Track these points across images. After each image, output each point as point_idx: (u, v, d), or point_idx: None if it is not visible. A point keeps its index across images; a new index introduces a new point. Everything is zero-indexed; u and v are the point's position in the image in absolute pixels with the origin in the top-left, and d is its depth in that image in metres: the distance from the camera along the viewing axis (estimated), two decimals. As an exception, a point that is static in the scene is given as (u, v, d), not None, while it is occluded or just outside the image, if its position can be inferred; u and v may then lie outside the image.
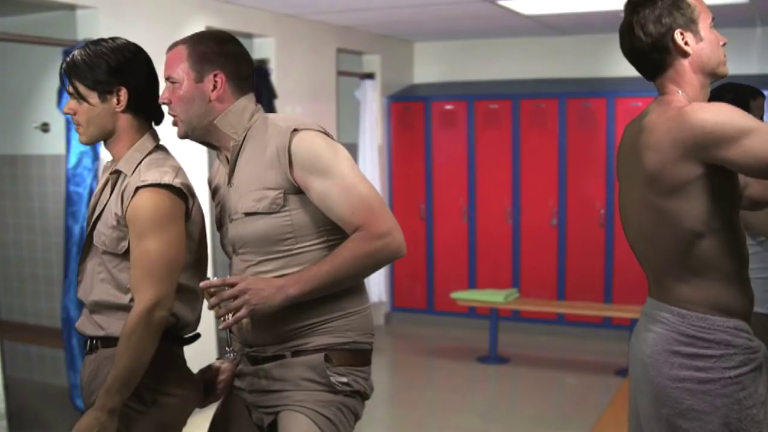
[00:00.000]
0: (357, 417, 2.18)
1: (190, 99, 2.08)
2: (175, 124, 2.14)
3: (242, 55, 2.14)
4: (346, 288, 2.10)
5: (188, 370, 2.25)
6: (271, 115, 2.16)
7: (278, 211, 2.05)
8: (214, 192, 2.26)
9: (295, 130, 2.04)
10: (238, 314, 1.98)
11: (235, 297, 1.99)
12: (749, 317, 2.02)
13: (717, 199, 1.92)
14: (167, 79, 2.11)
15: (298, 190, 2.04)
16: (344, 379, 2.10)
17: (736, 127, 1.83)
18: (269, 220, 2.05)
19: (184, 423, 2.21)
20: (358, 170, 2.07)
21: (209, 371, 2.27)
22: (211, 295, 2.03)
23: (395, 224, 2.03)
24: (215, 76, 2.07)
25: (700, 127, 1.85)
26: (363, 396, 2.18)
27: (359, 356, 2.15)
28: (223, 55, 2.09)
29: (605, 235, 6.59)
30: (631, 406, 2.17)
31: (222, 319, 2.04)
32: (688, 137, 1.87)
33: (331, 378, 2.08)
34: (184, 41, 2.12)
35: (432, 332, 7.01)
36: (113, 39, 2.15)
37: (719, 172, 1.91)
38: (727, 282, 1.98)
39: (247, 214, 2.07)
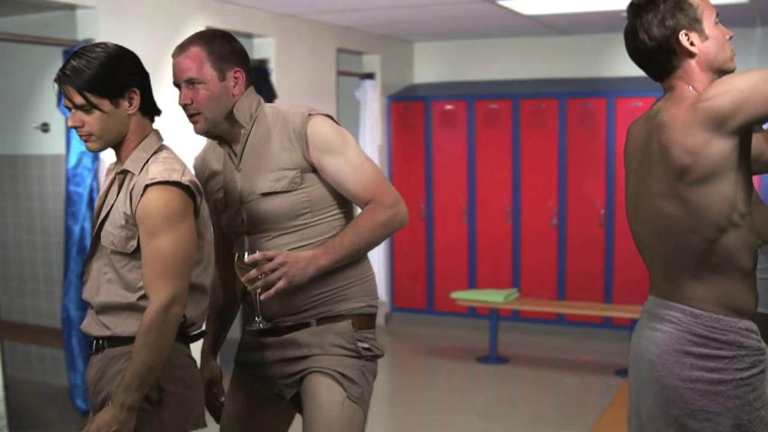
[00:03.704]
0: (375, 376, 2.35)
1: (217, 97, 2.20)
2: (195, 121, 2.23)
3: (245, 51, 2.29)
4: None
5: (196, 369, 2.25)
6: (271, 104, 2.34)
7: (296, 189, 2.22)
8: (209, 179, 2.37)
9: (310, 114, 2.23)
10: (279, 285, 2.11)
11: (272, 270, 2.11)
12: (755, 318, 2.02)
13: (739, 188, 1.93)
14: (189, 81, 2.18)
15: (312, 169, 2.23)
16: (367, 345, 2.28)
17: (748, 84, 1.86)
18: (288, 198, 2.22)
19: (190, 423, 2.21)
20: (362, 151, 2.30)
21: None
22: (244, 271, 2.12)
23: (399, 196, 2.26)
24: (235, 73, 2.22)
25: (722, 100, 1.86)
26: (378, 357, 2.35)
27: (371, 320, 2.34)
28: (235, 52, 2.24)
29: (605, 235, 6.59)
30: (631, 406, 2.16)
31: (256, 292, 2.16)
32: (714, 114, 1.87)
33: (358, 344, 2.26)
34: (195, 43, 2.21)
35: (432, 332, 7.01)
36: (104, 44, 2.13)
37: (741, 157, 1.92)
38: (742, 279, 1.97)
39: (265, 194, 2.22)
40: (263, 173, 2.23)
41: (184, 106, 2.22)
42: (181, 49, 2.21)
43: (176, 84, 2.23)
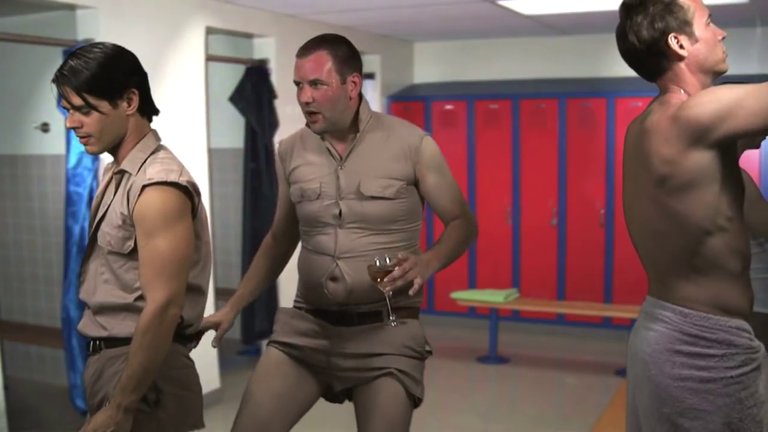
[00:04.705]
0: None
1: (337, 99, 2.36)
2: (314, 120, 2.38)
3: (361, 59, 2.45)
4: None
5: (194, 370, 2.25)
6: (382, 114, 2.58)
7: (399, 198, 2.44)
8: (300, 165, 2.50)
9: (425, 135, 2.49)
10: (419, 281, 2.29)
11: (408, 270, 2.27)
12: (749, 317, 2.02)
13: (724, 195, 1.92)
14: (313, 81, 2.33)
15: (415, 183, 2.47)
16: (429, 348, 2.55)
17: (733, 98, 1.84)
18: (391, 204, 2.43)
19: (188, 424, 2.20)
20: None
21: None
22: (379, 273, 2.24)
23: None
24: (354, 77, 2.39)
25: (702, 111, 1.86)
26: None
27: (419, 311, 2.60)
28: (355, 58, 2.41)
29: (605, 235, 6.59)
30: (629, 404, 2.17)
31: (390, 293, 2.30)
32: (694, 125, 1.86)
33: (426, 347, 2.53)
34: (321, 46, 2.35)
35: (432, 332, 6.90)
36: (101, 44, 2.12)
37: (725, 165, 1.91)
38: (731, 281, 1.98)
39: (373, 198, 2.42)
40: (371, 177, 2.42)
41: (305, 104, 2.35)
42: (306, 50, 2.36)
43: (296, 82, 2.37)
